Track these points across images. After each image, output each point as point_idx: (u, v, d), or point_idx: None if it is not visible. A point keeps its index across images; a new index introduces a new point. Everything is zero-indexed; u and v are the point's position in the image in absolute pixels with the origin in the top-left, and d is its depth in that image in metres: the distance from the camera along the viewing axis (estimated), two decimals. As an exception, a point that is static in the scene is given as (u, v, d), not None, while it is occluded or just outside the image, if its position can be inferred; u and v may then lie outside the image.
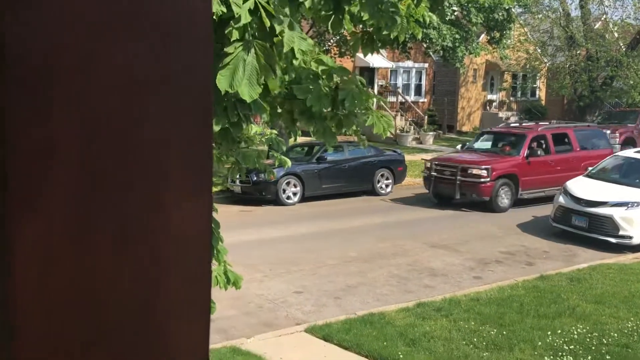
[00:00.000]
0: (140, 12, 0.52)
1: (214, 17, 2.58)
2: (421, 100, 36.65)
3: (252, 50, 2.71)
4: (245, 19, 2.65)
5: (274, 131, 5.35)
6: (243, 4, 2.61)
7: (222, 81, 2.70)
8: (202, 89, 0.56)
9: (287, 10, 2.82)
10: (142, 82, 0.53)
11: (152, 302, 0.55)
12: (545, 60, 36.21)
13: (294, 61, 3.78)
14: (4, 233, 0.48)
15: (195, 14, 0.55)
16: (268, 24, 2.74)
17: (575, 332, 8.68)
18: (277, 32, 2.77)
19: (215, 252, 4.42)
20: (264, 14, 2.66)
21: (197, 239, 0.57)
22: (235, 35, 2.72)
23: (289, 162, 5.46)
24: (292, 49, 2.77)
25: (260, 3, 2.67)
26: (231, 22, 2.65)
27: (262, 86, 2.65)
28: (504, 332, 8.68)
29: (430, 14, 3.85)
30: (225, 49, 2.69)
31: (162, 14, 0.53)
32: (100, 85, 0.51)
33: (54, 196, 0.50)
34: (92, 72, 0.50)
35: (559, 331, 8.71)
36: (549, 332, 8.65)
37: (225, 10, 2.61)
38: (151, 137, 0.53)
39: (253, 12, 2.66)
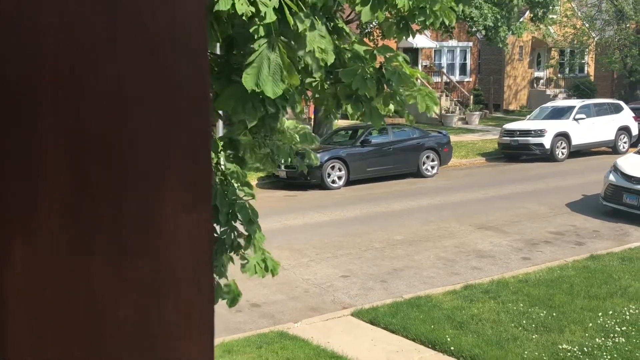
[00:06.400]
0: (130, 25, 0.51)
1: (244, 17, 2.62)
2: (466, 79, 36.19)
3: (276, 48, 2.73)
4: (270, 17, 2.68)
5: (307, 127, 5.36)
6: (269, 1, 2.63)
7: (248, 80, 2.72)
8: (200, 100, 0.54)
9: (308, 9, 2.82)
10: (134, 94, 0.51)
11: (152, 319, 0.54)
12: (594, 35, 35.39)
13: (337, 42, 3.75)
14: None
15: (190, 25, 0.53)
16: (292, 22, 2.75)
17: (627, 313, 8.51)
18: (299, 31, 2.77)
19: (253, 240, 4.45)
20: (287, 13, 2.66)
21: (197, 252, 0.56)
22: (261, 32, 2.74)
23: (317, 161, 5.48)
24: (312, 49, 2.78)
25: (284, 2, 2.68)
26: (256, 19, 2.66)
27: (285, 82, 2.67)
28: (554, 314, 8.56)
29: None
30: (250, 45, 2.69)
31: (153, 26, 0.52)
32: (90, 99, 0.50)
33: (44, 215, 0.49)
34: (80, 86, 0.49)
35: (611, 312, 8.56)
36: (600, 314, 8.50)
37: (254, 10, 2.63)
38: (146, 150, 0.52)
39: (278, 10, 2.67)
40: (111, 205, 0.51)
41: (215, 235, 4.40)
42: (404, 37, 4.36)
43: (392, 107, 3.89)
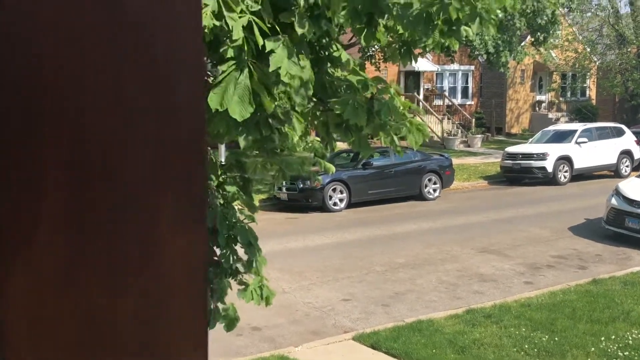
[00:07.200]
0: (129, 41, 0.51)
1: (206, 30, 2.60)
2: (468, 102, 36.32)
3: (246, 70, 2.75)
4: (238, 34, 2.69)
5: (317, 138, 5.37)
6: (238, 18, 2.65)
7: (213, 99, 2.74)
8: (195, 120, 0.54)
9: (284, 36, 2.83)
10: (133, 111, 0.52)
11: (149, 339, 0.54)
12: (595, 59, 35.55)
13: (333, 71, 3.77)
14: None
15: (186, 42, 0.53)
16: (261, 42, 2.76)
17: (630, 338, 8.45)
18: (267, 50, 2.79)
19: (254, 263, 4.44)
20: (257, 32, 2.68)
21: (193, 273, 0.55)
22: (230, 53, 2.75)
23: (333, 169, 5.46)
24: (278, 70, 2.79)
25: (255, 20, 2.70)
26: (227, 40, 2.69)
27: (254, 105, 2.70)
28: (556, 338, 8.50)
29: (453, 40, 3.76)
30: (219, 67, 2.73)
31: (151, 43, 0.52)
32: (89, 115, 0.50)
33: (45, 240, 0.49)
34: (80, 101, 0.49)
35: (613, 337, 8.50)
36: (603, 338, 8.45)
37: (218, 23, 2.64)
38: (141, 171, 0.52)
39: (246, 28, 2.69)
40: (107, 228, 0.51)
41: (215, 258, 4.40)
42: (408, 62, 4.38)
43: (384, 138, 3.89)
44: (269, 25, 2.78)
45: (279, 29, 2.89)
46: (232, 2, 2.69)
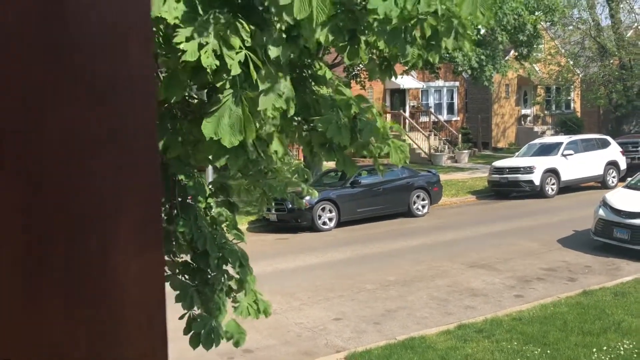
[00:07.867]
0: (78, 74, 0.52)
1: (209, 70, 2.72)
2: (454, 118, 36.50)
3: (239, 101, 2.83)
4: (236, 71, 2.77)
5: (300, 161, 5.38)
6: (235, 55, 2.75)
7: (207, 127, 2.83)
8: (148, 146, 0.55)
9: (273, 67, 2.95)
10: (84, 141, 0.52)
11: None
12: (578, 72, 35.85)
13: (319, 90, 3.80)
14: None
15: (138, 73, 0.54)
16: (255, 77, 2.86)
17: (622, 348, 8.46)
18: (260, 88, 2.90)
19: (245, 283, 4.46)
20: (252, 68, 2.78)
21: (150, 297, 0.56)
22: (227, 85, 2.85)
23: (316, 193, 5.46)
24: (265, 108, 2.93)
25: (250, 56, 2.78)
26: (224, 74, 2.78)
27: (243, 134, 2.80)
28: (548, 351, 8.50)
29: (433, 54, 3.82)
30: (219, 95, 2.80)
31: (101, 75, 0.52)
32: (42, 148, 0.50)
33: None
34: (32, 133, 0.50)
35: (605, 348, 8.50)
36: (595, 349, 8.45)
37: (218, 63, 2.74)
38: (96, 196, 0.52)
39: (243, 64, 2.78)
40: (64, 250, 0.51)
41: (209, 277, 4.42)
42: (388, 78, 4.40)
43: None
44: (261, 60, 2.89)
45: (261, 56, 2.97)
46: (231, 37, 2.77)
